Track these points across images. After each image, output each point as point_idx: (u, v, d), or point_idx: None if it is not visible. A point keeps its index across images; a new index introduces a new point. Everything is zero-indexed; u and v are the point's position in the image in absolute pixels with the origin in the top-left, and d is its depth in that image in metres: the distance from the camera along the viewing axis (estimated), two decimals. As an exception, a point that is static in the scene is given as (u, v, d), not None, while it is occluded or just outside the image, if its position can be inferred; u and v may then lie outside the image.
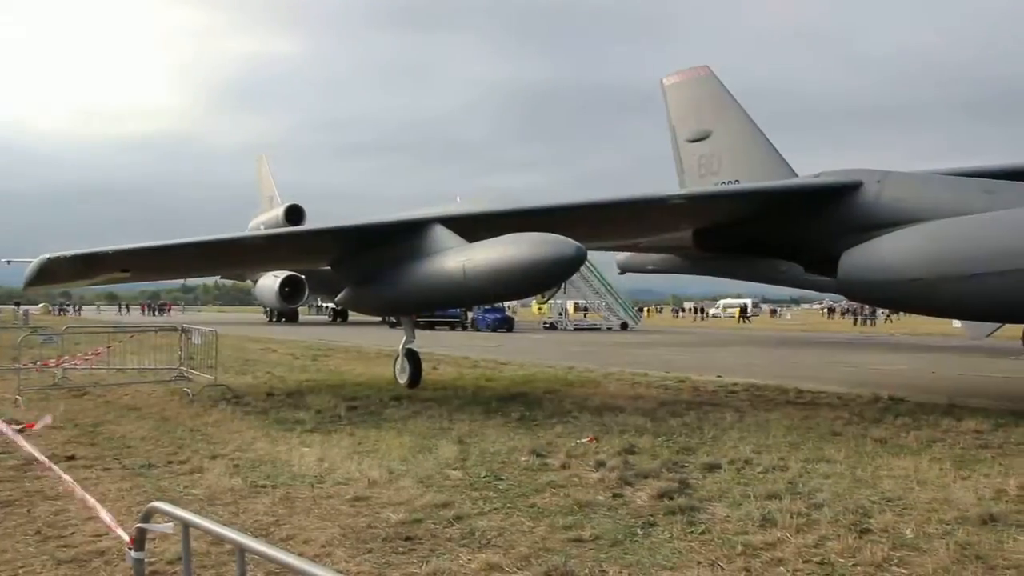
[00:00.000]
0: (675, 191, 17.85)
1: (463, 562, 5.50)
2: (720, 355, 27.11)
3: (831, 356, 26.43)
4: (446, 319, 48.82)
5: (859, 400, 13.98)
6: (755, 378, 17.74)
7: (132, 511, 6.55)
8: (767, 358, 25.57)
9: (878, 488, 7.52)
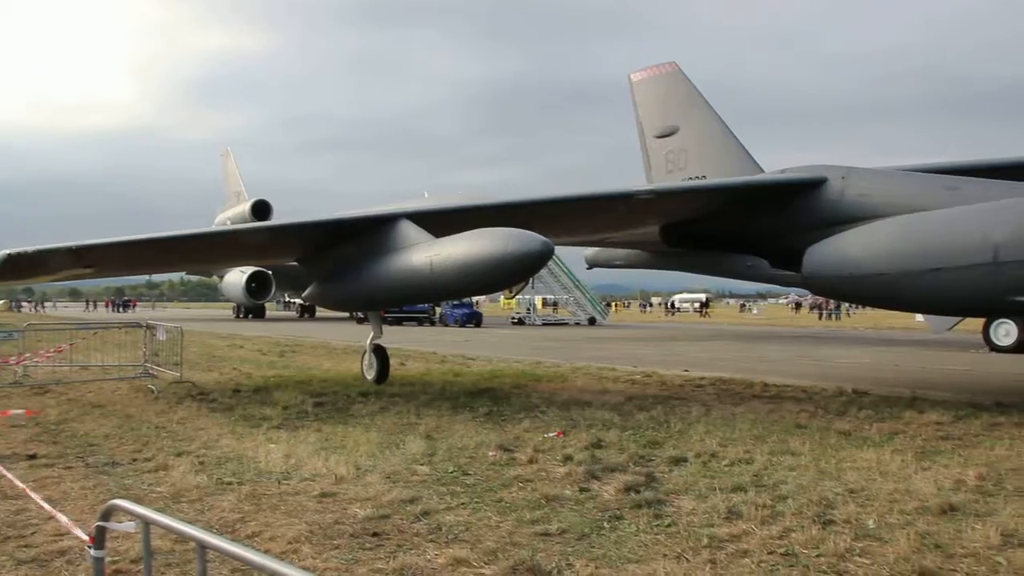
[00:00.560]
0: (642, 186, 17.92)
1: (430, 557, 5.49)
2: (688, 349, 27.29)
3: (797, 350, 26.71)
4: (414, 314, 48.63)
5: (824, 393, 14.14)
6: (722, 372, 17.90)
7: (95, 509, 6.43)
8: (734, 352, 25.78)
9: (841, 480, 7.63)
